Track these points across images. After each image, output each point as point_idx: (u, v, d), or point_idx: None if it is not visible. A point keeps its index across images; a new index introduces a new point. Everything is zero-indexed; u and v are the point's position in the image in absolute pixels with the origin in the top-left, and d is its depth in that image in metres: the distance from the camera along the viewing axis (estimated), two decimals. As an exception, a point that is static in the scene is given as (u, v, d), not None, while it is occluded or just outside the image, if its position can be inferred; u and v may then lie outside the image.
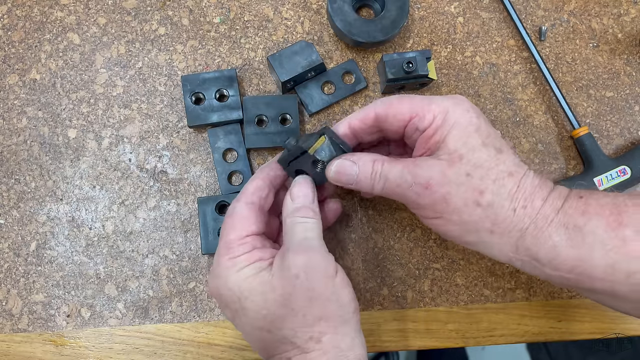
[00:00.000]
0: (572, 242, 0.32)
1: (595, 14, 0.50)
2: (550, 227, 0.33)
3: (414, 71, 0.43)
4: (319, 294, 0.33)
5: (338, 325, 0.33)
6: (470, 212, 0.33)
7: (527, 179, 0.34)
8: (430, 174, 0.33)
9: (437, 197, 0.34)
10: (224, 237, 0.36)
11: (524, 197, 0.33)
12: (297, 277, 0.33)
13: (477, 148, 0.33)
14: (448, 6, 0.49)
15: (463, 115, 0.34)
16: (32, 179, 0.46)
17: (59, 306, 0.44)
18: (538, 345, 1.02)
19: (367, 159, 0.36)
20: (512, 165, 0.34)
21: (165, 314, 0.44)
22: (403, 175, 0.34)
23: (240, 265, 0.34)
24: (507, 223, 0.33)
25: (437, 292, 0.45)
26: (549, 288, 0.45)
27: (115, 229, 0.45)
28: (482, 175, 0.33)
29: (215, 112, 0.45)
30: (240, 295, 0.34)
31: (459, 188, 0.33)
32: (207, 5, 0.49)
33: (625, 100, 0.48)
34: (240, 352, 0.44)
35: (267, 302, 0.33)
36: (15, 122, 0.47)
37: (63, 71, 0.48)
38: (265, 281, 0.34)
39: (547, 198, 0.33)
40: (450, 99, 0.35)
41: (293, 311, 0.33)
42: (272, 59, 0.45)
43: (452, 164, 0.33)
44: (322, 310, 0.33)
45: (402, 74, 0.43)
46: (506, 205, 0.33)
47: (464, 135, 0.34)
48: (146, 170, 0.46)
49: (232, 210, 0.37)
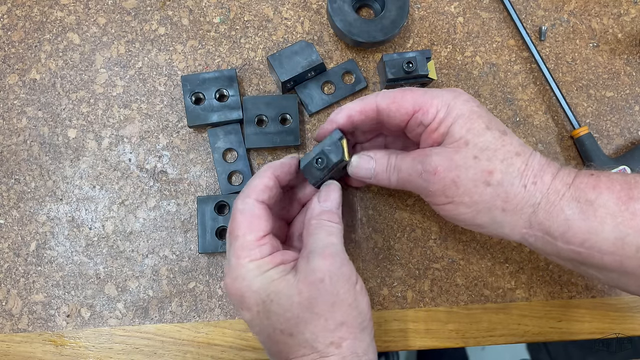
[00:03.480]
0: (583, 214, 0.33)
1: (595, 14, 0.50)
2: (562, 201, 0.33)
3: (414, 71, 0.43)
4: (342, 300, 0.33)
5: (357, 331, 0.34)
6: (481, 192, 0.34)
7: (534, 158, 0.35)
8: (438, 161, 0.35)
9: (446, 182, 0.35)
10: (241, 237, 0.35)
11: (533, 173, 0.34)
12: (322, 281, 0.33)
13: (481, 132, 0.34)
14: (448, 6, 0.49)
15: (464, 105, 0.35)
16: (32, 179, 0.46)
17: (59, 306, 0.44)
18: (538, 345, 1.02)
19: (382, 153, 0.38)
20: (518, 145, 0.35)
21: (165, 314, 0.44)
22: (414, 165, 0.36)
23: (265, 268, 0.34)
24: (518, 199, 0.34)
25: (437, 292, 0.45)
26: (549, 288, 0.45)
27: (115, 229, 0.45)
28: (490, 156, 0.34)
29: (215, 112, 0.45)
30: (266, 299, 0.33)
31: (467, 171, 0.34)
32: (207, 5, 0.49)
33: (625, 100, 0.48)
34: (240, 352, 0.44)
35: (293, 306, 0.33)
36: (15, 122, 0.47)
37: (63, 71, 0.48)
38: (291, 284, 0.33)
39: (557, 174, 0.34)
40: (450, 92, 0.36)
41: (317, 315, 0.33)
42: (272, 59, 0.45)
43: (459, 149, 0.34)
44: (344, 316, 0.33)
45: (402, 74, 0.43)
46: (516, 182, 0.34)
47: (468, 123, 0.35)
48: (146, 170, 0.46)
49: (243, 207, 0.36)
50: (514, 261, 0.46)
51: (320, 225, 0.36)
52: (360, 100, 0.38)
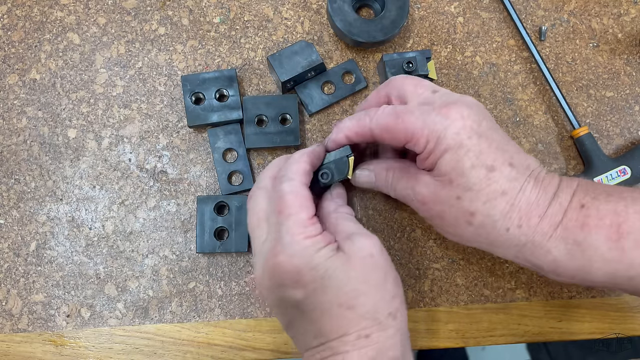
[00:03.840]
0: (571, 256, 0.33)
1: (595, 14, 0.50)
2: (549, 242, 0.33)
3: (414, 71, 0.43)
4: (389, 273, 0.35)
5: (404, 306, 0.36)
6: (464, 229, 0.35)
7: (522, 196, 0.34)
8: (426, 193, 0.36)
9: (433, 214, 0.36)
10: (294, 216, 0.34)
11: (518, 216, 0.34)
12: (372, 256, 0.35)
13: (465, 172, 0.33)
14: (448, 6, 0.49)
15: (454, 138, 0.34)
16: (32, 179, 0.46)
17: (59, 306, 0.44)
18: (538, 345, 1.02)
19: (380, 168, 0.40)
20: (506, 182, 0.33)
21: (165, 314, 0.44)
22: (406, 189, 0.38)
23: (320, 245, 0.34)
24: (502, 240, 0.34)
25: (437, 292, 0.45)
26: (549, 288, 0.45)
27: (115, 229, 0.45)
28: (472, 197, 0.34)
29: (215, 112, 0.45)
30: (324, 274, 0.34)
31: (451, 209, 0.35)
32: (207, 5, 0.49)
33: (625, 100, 0.48)
34: (240, 352, 0.44)
35: (350, 279, 0.34)
36: (15, 122, 0.47)
37: (63, 71, 0.48)
38: (345, 261, 0.34)
39: (545, 214, 0.33)
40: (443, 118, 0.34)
41: (374, 287, 0.34)
42: (272, 59, 0.45)
43: (444, 186, 0.35)
44: (395, 289, 0.35)
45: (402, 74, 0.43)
46: (498, 225, 0.34)
47: (453, 160, 0.34)
48: (146, 170, 0.46)
49: (291, 189, 0.35)
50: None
51: (343, 217, 0.39)
52: (357, 120, 0.38)
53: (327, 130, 0.47)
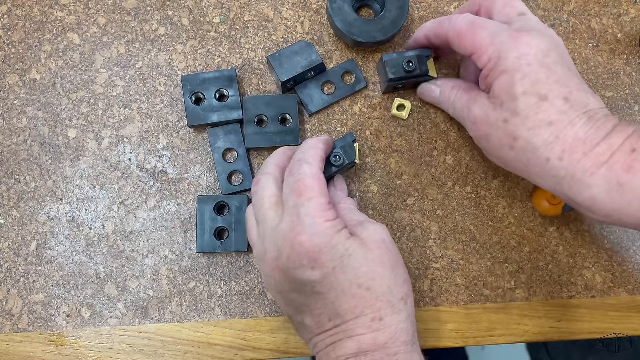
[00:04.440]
0: (610, 196, 0.33)
1: (595, 14, 0.50)
2: (590, 179, 0.33)
3: (415, 70, 0.43)
4: (399, 259, 0.37)
5: (411, 295, 0.37)
6: (506, 152, 0.37)
7: (570, 130, 0.34)
8: (478, 113, 0.38)
9: (481, 134, 0.38)
10: (316, 199, 0.35)
11: (561, 148, 0.34)
12: (385, 242, 0.36)
13: (516, 96, 0.34)
14: (448, 6, 0.49)
15: (513, 63, 0.35)
16: (32, 179, 0.46)
17: (59, 306, 0.45)
18: (538, 345, 1.02)
19: (447, 86, 0.43)
20: (555, 114, 0.34)
21: (165, 314, 0.44)
22: (464, 108, 0.40)
23: (339, 227, 0.35)
24: (539, 168, 0.35)
25: (437, 292, 0.45)
26: (549, 288, 0.45)
27: (115, 229, 0.45)
28: (518, 123, 0.35)
29: (215, 112, 0.45)
30: (344, 253, 0.34)
31: (497, 131, 0.36)
32: (207, 5, 0.49)
33: (625, 100, 0.48)
34: (240, 352, 0.44)
35: (368, 261, 0.35)
36: (16, 122, 0.47)
37: (63, 71, 0.48)
38: (361, 243, 0.35)
39: (590, 152, 0.33)
40: (512, 40, 0.35)
41: (389, 270, 0.35)
42: (272, 59, 0.45)
43: (495, 108, 0.36)
44: (405, 274, 0.37)
45: (402, 74, 0.43)
46: (538, 153, 0.34)
47: (508, 84, 0.35)
48: (146, 170, 0.46)
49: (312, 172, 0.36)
50: (514, 261, 0.46)
51: (349, 208, 0.40)
52: (438, 22, 0.40)
53: (327, 131, 0.47)
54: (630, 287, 0.46)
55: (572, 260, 0.46)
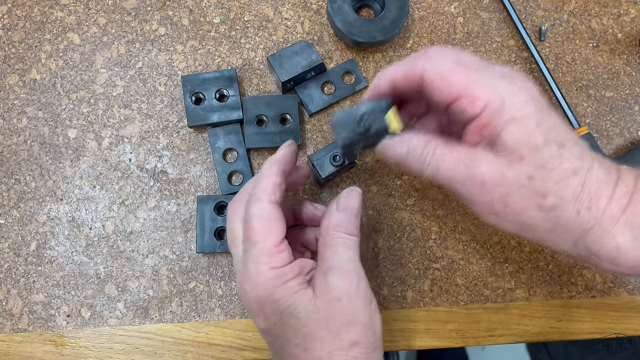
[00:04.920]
0: (636, 243, 0.30)
1: (595, 14, 0.50)
2: (615, 228, 0.31)
3: (369, 130, 0.34)
4: (358, 320, 0.33)
5: (370, 351, 0.33)
6: (530, 215, 0.31)
7: (591, 174, 0.31)
8: (487, 172, 0.31)
9: (494, 197, 0.31)
10: (260, 243, 0.33)
11: (588, 197, 0.30)
12: (340, 301, 0.32)
13: (538, 147, 0.30)
14: (448, 6, 0.49)
15: (522, 108, 0.30)
16: (32, 179, 0.46)
17: (59, 306, 0.44)
18: (538, 345, 1.02)
19: (419, 140, 0.33)
20: (576, 160, 0.30)
21: (165, 314, 0.44)
22: (457, 167, 0.32)
23: (286, 278, 0.33)
24: (569, 225, 0.31)
25: (437, 292, 0.45)
26: (549, 288, 0.45)
27: (115, 229, 0.45)
28: (545, 177, 0.30)
29: (215, 112, 0.45)
30: (285, 310, 0.33)
31: (519, 191, 0.30)
32: (207, 5, 0.49)
33: (625, 100, 0.48)
34: (240, 352, 0.44)
35: (310, 321, 0.32)
36: (16, 122, 0.47)
37: (63, 71, 0.48)
38: (309, 299, 0.33)
39: (613, 196, 0.31)
40: (508, 83, 0.31)
41: (333, 334, 0.32)
42: (272, 59, 0.45)
43: (512, 164, 0.30)
44: (359, 336, 0.33)
45: (354, 137, 0.35)
46: (570, 208, 0.30)
47: (524, 133, 0.30)
48: (146, 170, 0.46)
49: (258, 212, 0.33)
50: (514, 261, 0.46)
51: (339, 237, 0.35)
52: (409, 61, 0.33)
53: (327, 130, 0.47)
54: (630, 287, 0.46)
55: (572, 260, 0.46)
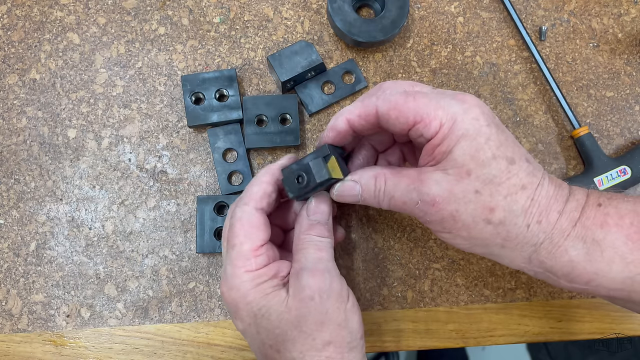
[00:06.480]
0: (589, 256, 0.31)
1: (595, 14, 0.50)
2: (567, 241, 0.31)
3: (309, 184, 0.35)
4: (331, 319, 0.33)
5: (345, 351, 0.33)
6: (480, 229, 0.32)
7: (541, 190, 0.32)
8: (437, 191, 0.32)
9: (445, 215, 0.32)
10: (238, 246, 0.34)
11: (538, 211, 0.31)
12: (312, 299, 0.33)
13: (486, 162, 0.31)
14: (448, 6, 0.49)
15: (472, 124, 0.31)
16: (32, 179, 0.46)
17: (59, 306, 0.44)
18: (538, 345, 1.02)
19: (368, 177, 0.35)
20: (526, 176, 0.31)
21: (165, 314, 0.44)
22: (408, 193, 0.33)
23: (259, 280, 0.34)
24: (519, 239, 0.32)
25: (437, 292, 0.45)
26: (549, 288, 0.45)
27: (115, 229, 0.45)
28: (492, 191, 0.31)
29: (215, 112, 0.45)
30: (257, 312, 0.33)
31: (467, 206, 0.31)
32: (207, 5, 0.49)
33: (625, 100, 0.48)
34: (240, 352, 0.44)
35: (282, 322, 0.33)
36: (15, 122, 0.47)
37: (63, 71, 0.48)
38: (282, 300, 0.33)
39: (564, 210, 0.32)
40: (459, 102, 0.32)
41: (305, 334, 0.32)
42: (272, 58, 0.45)
43: (460, 179, 0.31)
44: (332, 336, 0.33)
45: (299, 191, 0.36)
46: (519, 222, 0.31)
47: (473, 148, 0.31)
48: (146, 170, 0.46)
49: (240, 215, 0.35)
50: (514, 261, 0.46)
51: (310, 240, 0.35)
52: (361, 102, 0.34)
53: (327, 130, 0.47)
54: (631, 287, 0.46)
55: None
